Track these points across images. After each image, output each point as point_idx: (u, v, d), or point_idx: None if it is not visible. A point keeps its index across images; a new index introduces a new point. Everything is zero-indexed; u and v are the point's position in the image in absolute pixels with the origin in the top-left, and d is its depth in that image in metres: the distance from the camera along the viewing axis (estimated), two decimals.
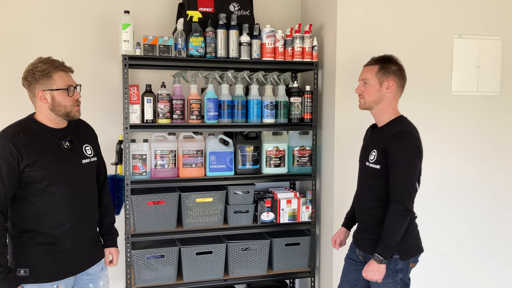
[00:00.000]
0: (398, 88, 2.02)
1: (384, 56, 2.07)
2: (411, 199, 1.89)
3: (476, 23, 2.85)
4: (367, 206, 2.05)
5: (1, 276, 1.67)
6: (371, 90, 2.02)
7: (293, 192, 2.92)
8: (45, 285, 1.78)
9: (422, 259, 2.87)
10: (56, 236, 1.80)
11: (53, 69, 1.76)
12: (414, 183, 1.91)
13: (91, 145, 1.97)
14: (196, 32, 2.54)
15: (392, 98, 2.02)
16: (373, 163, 1.99)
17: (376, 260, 1.89)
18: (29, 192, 1.75)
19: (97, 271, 1.97)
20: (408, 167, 1.89)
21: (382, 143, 1.94)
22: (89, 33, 2.79)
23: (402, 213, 1.87)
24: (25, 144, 1.72)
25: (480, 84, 2.88)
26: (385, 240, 1.88)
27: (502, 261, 3.05)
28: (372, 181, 2.01)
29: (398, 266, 1.96)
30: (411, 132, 1.94)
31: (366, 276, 1.93)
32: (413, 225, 2.02)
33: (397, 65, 2.03)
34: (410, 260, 2.00)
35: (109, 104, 2.80)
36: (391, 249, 1.88)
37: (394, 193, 1.89)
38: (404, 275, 1.98)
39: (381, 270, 1.90)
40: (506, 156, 2.99)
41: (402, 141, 1.91)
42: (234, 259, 2.72)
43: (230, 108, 2.65)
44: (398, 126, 1.97)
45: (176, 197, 2.61)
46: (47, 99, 1.77)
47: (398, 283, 1.98)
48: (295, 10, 3.17)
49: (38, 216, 1.76)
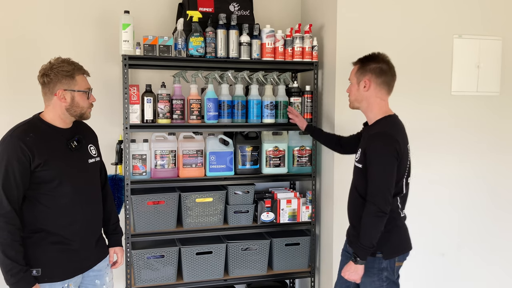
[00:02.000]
0: (378, 86, 1.99)
1: (368, 54, 2.06)
2: (385, 200, 1.86)
3: (476, 23, 2.85)
4: (352, 203, 2.08)
5: (20, 274, 1.68)
6: (352, 90, 2.06)
7: (293, 192, 2.92)
8: (56, 284, 1.80)
9: (422, 259, 2.89)
10: (66, 235, 1.82)
11: (76, 71, 1.84)
12: (389, 185, 1.88)
13: (94, 145, 2.01)
14: (196, 32, 2.54)
15: (374, 96, 2.00)
16: (357, 162, 2.02)
17: (353, 261, 1.91)
18: (40, 193, 1.76)
19: (103, 267, 2.01)
20: (383, 169, 1.88)
21: (365, 143, 1.96)
22: (89, 33, 2.79)
23: (375, 214, 1.86)
24: (36, 144, 1.73)
25: (480, 84, 2.89)
26: (361, 241, 1.89)
27: (502, 261, 3.06)
28: (356, 179, 2.05)
29: (382, 265, 1.97)
30: (391, 134, 1.91)
31: (345, 276, 1.95)
32: (397, 225, 2.00)
33: (378, 63, 1.99)
34: (395, 259, 1.99)
35: (109, 104, 2.80)
36: (367, 250, 1.88)
37: (369, 194, 1.90)
38: (389, 274, 1.98)
39: (358, 271, 1.91)
40: (506, 156, 3.00)
41: (380, 143, 1.89)
42: (234, 259, 2.72)
43: (230, 108, 2.65)
44: (380, 127, 1.96)
45: (176, 197, 2.61)
46: (66, 99, 1.81)
47: (384, 281, 1.98)
48: (295, 10, 3.17)
49: (48, 216, 1.78)
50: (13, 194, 1.69)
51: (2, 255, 1.67)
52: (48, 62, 1.82)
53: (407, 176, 1.99)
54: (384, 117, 1.99)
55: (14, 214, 1.69)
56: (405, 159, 1.95)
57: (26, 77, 2.64)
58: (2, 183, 1.68)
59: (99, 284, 1.99)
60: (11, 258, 1.67)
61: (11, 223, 1.68)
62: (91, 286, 1.97)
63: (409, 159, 2.00)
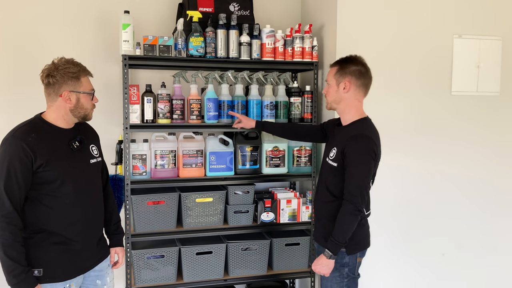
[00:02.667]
0: (357, 88, 2.04)
1: (346, 56, 2.10)
2: (362, 199, 1.95)
3: (476, 23, 2.86)
4: (321, 200, 2.14)
5: (22, 275, 1.68)
6: (330, 91, 2.09)
7: (293, 192, 2.92)
8: (58, 285, 1.81)
9: (422, 259, 2.89)
10: (68, 235, 1.82)
11: (82, 72, 1.84)
12: (367, 185, 1.98)
13: (96, 145, 2.02)
14: (196, 32, 2.53)
15: (353, 98, 2.05)
16: (332, 160, 2.06)
17: (326, 255, 1.99)
18: (42, 193, 1.76)
19: (104, 268, 2.01)
20: (362, 169, 1.96)
21: (343, 143, 2.01)
22: (89, 33, 2.79)
23: (352, 213, 1.94)
24: (38, 144, 1.73)
25: (480, 84, 2.89)
26: (335, 237, 1.96)
27: (502, 261, 3.06)
28: (329, 177, 2.10)
29: (344, 260, 2.05)
30: (370, 136, 1.99)
31: (315, 270, 2.03)
32: (362, 222, 2.07)
33: (357, 65, 2.04)
34: (357, 254, 2.07)
35: (109, 104, 2.80)
36: (340, 246, 1.97)
37: (347, 193, 1.96)
38: (350, 269, 2.07)
39: (329, 265, 2.01)
40: (506, 156, 3.00)
41: (359, 144, 1.97)
42: (234, 259, 2.72)
43: (230, 108, 2.65)
44: (358, 129, 2.02)
45: (176, 197, 2.61)
46: (71, 100, 1.81)
47: (344, 277, 2.07)
48: (295, 10, 3.17)
49: (50, 216, 1.78)
50: (15, 195, 1.69)
51: (4, 256, 1.67)
52: (51, 62, 1.82)
53: (374, 175, 2.09)
54: (361, 119, 2.06)
55: (16, 214, 1.69)
56: (378, 160, 2.05)
57: (26, 77, 2.64)
58: (4, 184, 1.68)
59: (100, 284, 2.00)
60: (13, 259, 1.67)
61: (13, 223, 1.68)
62: (92, 286, 1.97)
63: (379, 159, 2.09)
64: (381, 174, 2.75)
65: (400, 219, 2.84)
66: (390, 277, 2.87)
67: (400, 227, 2.84)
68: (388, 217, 2.80)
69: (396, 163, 2.78)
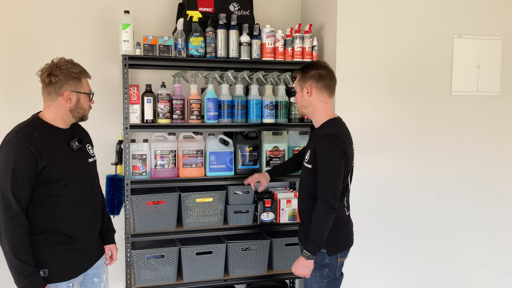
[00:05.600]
0: (319, 91, 2.10)
1: (307, 63, 2.20)
2: (335, 197, 1.96)
3: (476, 23, 2.86)
4: (302, 203, 2.18)
5: (32, 276, 1.69)
6: (297, 97, 2.19)
7: (293, 192, 2.92)
8: (62, 284, 1.81)
9: (422, 259, 2.89)
10: (71, 235, 1.83)
11: (83, 74, 1.87)
12: (338, 183, 1.99)
13: (91, 145, 2.03)
14: (196, 32, 2.53)
15: (317, 100, 2.11)
16: (307, 162, 2.11)
17: (304, 256, 1.99)
18: (46, 193, 1.76)
19: (100, 265, 2.03)
20: (332, 167, 1.99)
21: (313, 145, 2.06)
22: (89, 33, 2.79)
23: (326, 211, 1.95)
24: (41, 144, 1.74)
25: (480, 84, 2.89)
26: (312, 237, 1.97)
27: (502, 261, 3.06)
28: (306, 179, 2.14)
29: (325, 261, 2.06)
30: (337, 134, 2.03)
31: (295, 272, 2.02)
32: (343, 222, 2.09)
33: (316, 69, 2.11)
34: (337, 255, 2.08)
35: (109, 104, 2.79)
36: (318, 245, 1.97)
37: (319, 191, 1.99)
38: (330, 270, 2.08)
39: (309, 266, 2.00)
40: (506, 156, 3.00)
41: (327, 143, 2.01)
42: (234, 259, 2.72)
43: (230, 108, 2.65)
44: (326, 129, 2.07)
45: (176, 197, 2.61)
46: (71, 100, 1.82)
47: (324, 278, 2.07)
48: (295, 10, 3.17)
49: (54, 216, 1.79)
50: (21, 196, 1.69)
51: (13, 257, 1.67)
52: (51, 62, 1.82)
53: (351, 174, 2.10)
54: (330, 120, 2.11)
55: (23, 215, 1.69)
56: (350, 158, 2.08)
57: (26, 77, 2.64)
58: (11, 185, 1.67)
59: (97, 282, 2.01)
60: (22, 260, 1.67)
61: (21, 225, 1.68)
62: (90, 284, 1.98)
63: (353, 158, 2.12)
64: (381, 174, 2.77)
65: (400, 219, 2.83)
66: (390, 277, 2.87)
67: (400, 227, 2.84)
68: (388, 217, 2.80)
69: (396, 163, 2.78)
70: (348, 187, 2.12)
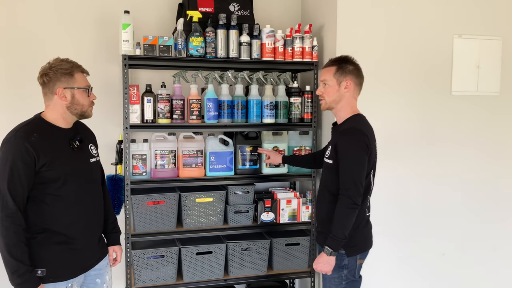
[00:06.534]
0: (356, 87, 2.09)
1: (340, 56, 2.15)
2: (358, 193, 1.93)
3: (476, 23, 2.86)
4: (322, 200, 2.14)
5: (27, 275, 1.69)
6: (331, 91, 2.10)
7: (293, 192, 2.92)
8: (60, 284, 1.81)
9: (422, 259, 2.89)
10: (70, 235, 1.83)
11: (75, 69, 1.84)
12: (361, 178, 1.96)
13: (94, 145, 2.02)
14: (196, 32, 2.54)
15: (351, 96, 2.09)
16: (328, 158, 2.09)
17: (326, 252, 1.96)
18: (44, 193, 1.76)
19: (103, 266, 2.02)
20: (355, 162, 1.95)
21: (335, 139, 2.04)
22: (89, 33, 2.79)
23: (349, 206, 1.93)
24: (40, 144, 1.73)
25: (480, 84, 2.89)
26: (334, 232, 1.94)
27: (502, 261, 3.05)
28: (327, 175, 2.12)
29: (344, 262, 2.03)
30: (360, 129, 2.00)
31: (316, 268, 2.00)
32: (363, 223, 2.07)
33: (354, 65, 2.10)
34: (357, 256, 2.05)
35: (109, 104, 2.80)
36: (340, 241, 1.94)
37: (342, 187, 1.96)
38: (349, 272, 2.05)
39: (330, 262, 1.98)
40: (506, 156, 3.00)
41: (350, 138, 1.98)
42: (234, 259, 2.72)
43: (230, 108, 2.65)
44: (349, 124, 2.04)
45: (176, 197, 2.61)
46: (66, 97, 1.81)
47: (343, 279, 2.05)
48: (295, 10, 3.17)
49: (53, 216, 1.79)
50: (18, 194, 1.69)
51: (8, 255, 1.67)
52: (47, 63, 1.83)
53: (373, 171, 2.08)
54: (353, 115, 2.09)
55: (20, 214, 1.69)
56: (373, 154, 2.04)
57: (26, 77, 2.64)
58: (8, 184, 1.68)
59: (99, 283, 2.00)
60: (17, 259, 1.67)
61: (17, 223, 1.68)
62: (92, 285, 1.98)
63: (376, 155, 2.09)
64: (380, 174, 2.76)
65: (400, 219, 2.83)
66: (390, 277, 2.87)
67: (400, 227, 2.84)
68: (388, 217, 2.80)
69: (396, 163, 2.78)
70: (371, 186, 2.07)
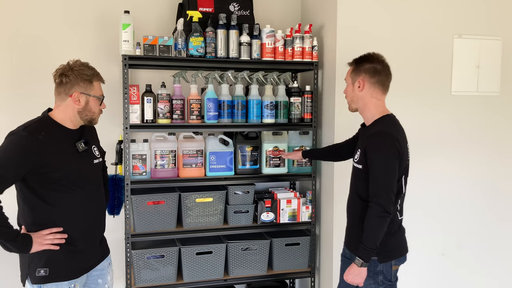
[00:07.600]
0: (372, 86, 1.97)
1: (362, 55, 2.05)
2: (389, 200, 1.82)
3: (476, 23, 2.85)
4: (352, 205, 2.06)
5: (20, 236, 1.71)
6: (347, 90, 2.06)
7: (293, 192, 2.92)
8: (63, 284, 1.81)
9: (422, 259, 2.88)
10: (74, 235, 1.83)
11: (95, 76, 1.87)
12: (392, 185, 1.85)
13: (97, 146, 2.03)
14: (196, 32, 2.54)
15: (369, 96, 1.98)
16: (357, 162, 1.99)
17: (357, 263, 1.87)
18: (48, 193, 1.77)
19: (105, 266, 2.02)
20: (385, 168, 1.85)
21: (364, 143, 1.94)
22: (89, 33, 2.79)
23: (380, 215, 1.82)
24: (46, 143, 1.74)
25: (480, 84, 2.89)
26: (365, 243, 1.84)
27: (502, 261, 3.05)
28: (356, 180, 2.03)
29: (378, 268, 1.94)
30: (390, 133, 1.89)
31: (347, 280, 1.91)
32: (395, 228, 1.97)
33: (372, 63, 1.98)
34: (391, 262, 1.96)
35: (109, 104, 2.76)
36: (371, 252, 1.84)
37: (372, 194, 1.86)
38: (385, 277, 1.96)
39: (361, 274, 1.87)
40: (506, 156, 2.99)
41: (379, 142, 1.88)
42: (234, 259, 2.72)
43: (230, 108, 2.65)
44: (378, 126, 1.94)
45: (176, 197, 2.61)
46: (80, 102, 1.83)
47: (379, 285, 1.96)
48: (295, 10, 3.17)
49: (56, 216, 1.79)
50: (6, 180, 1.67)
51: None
52: (66, 63, 1.84)
53: (405, 175, 1.97)
54: (382, 117, 1.98)
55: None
56: (405, 158, 1.93)
57: (27, 77, 2.64)
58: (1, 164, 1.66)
59: (101, 283, 2.00)
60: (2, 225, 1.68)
61: None
62: (94, 285, 1.98)
63: (408, 158, 2.00)
64: None
65: None
66: None
67: None
68: None
69: None
70: (403, 190, 1.96)
